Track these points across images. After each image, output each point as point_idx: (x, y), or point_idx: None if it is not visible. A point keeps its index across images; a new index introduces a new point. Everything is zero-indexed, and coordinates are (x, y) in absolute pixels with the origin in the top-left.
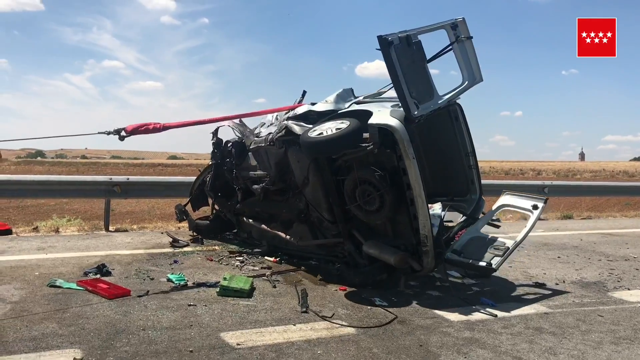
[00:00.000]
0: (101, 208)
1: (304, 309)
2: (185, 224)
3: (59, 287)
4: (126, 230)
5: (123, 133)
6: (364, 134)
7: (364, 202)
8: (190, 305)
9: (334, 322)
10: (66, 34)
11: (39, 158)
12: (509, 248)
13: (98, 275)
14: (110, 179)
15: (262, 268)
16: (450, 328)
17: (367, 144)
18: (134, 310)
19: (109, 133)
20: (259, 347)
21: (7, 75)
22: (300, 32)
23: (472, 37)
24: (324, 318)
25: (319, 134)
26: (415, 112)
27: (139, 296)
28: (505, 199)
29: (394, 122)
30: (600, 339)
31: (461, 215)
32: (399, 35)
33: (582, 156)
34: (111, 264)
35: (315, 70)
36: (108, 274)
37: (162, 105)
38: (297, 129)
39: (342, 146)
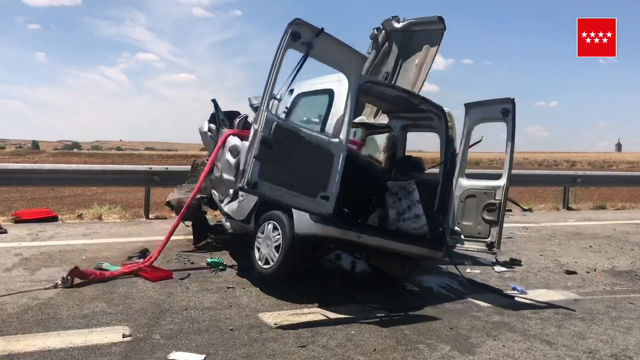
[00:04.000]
0: (137, 198)
1: (339, 293)
2: (217, 213)
3: (105, 270)
4: (165, 218)
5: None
6: None
7: None
8: (229, 287)
9: (366, 305)
10: (101, 27)
11: (75, 150)
12: (501, 204)
13: (141, 260)
14: (150, 168)
15: None
16: (480, 312)
17: None
18: (176, 291)
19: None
20: (296, 326)
21: (44, 69)
22: (333, 23)
23: (322, 29)
24: (357, 301)
25: None
26: None
27: (181, 279)
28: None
29: None
30: (630, 325)
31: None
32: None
33: (618, 147)
34: (153, 249)
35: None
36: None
37: (196, 98)
38: None
39: None
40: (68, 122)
